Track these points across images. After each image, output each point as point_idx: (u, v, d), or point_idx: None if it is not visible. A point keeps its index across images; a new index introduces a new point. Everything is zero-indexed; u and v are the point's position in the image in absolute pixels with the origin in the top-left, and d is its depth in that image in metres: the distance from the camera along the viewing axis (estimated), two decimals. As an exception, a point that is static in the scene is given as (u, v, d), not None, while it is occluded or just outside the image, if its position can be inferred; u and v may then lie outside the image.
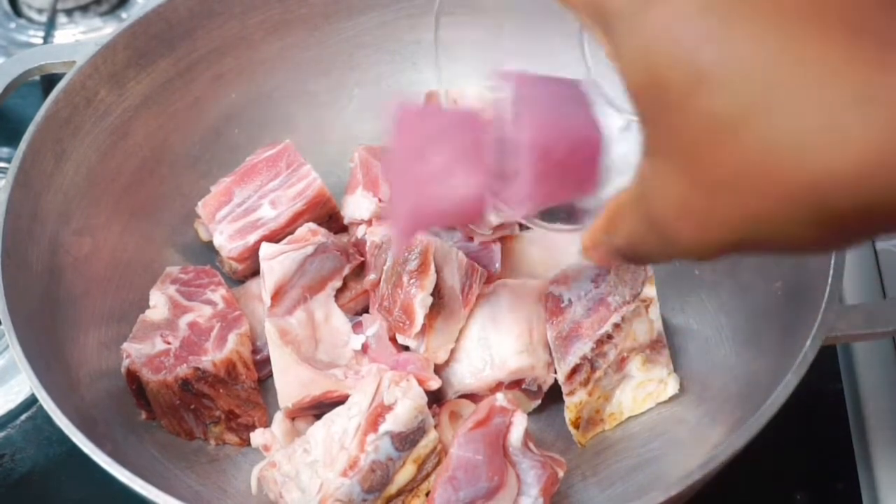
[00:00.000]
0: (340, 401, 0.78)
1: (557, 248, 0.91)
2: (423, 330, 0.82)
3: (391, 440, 0.73)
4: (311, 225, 0.88)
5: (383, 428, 0.73)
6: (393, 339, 0.84)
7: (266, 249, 0.86)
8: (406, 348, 0.84)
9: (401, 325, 0.82)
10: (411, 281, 0.81)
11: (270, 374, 0.85)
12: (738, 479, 0.74)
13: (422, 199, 0.64)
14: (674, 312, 0.89)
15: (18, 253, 0.79)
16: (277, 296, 0.84)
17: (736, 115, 0.39)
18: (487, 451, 0.72)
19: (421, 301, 0.81)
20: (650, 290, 0.82)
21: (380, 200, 0.89)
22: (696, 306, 0.89)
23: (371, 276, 0.86)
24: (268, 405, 0.85)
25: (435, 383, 0.80)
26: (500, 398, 0.76)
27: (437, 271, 0.82)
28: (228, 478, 0.82)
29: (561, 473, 0.75)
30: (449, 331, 0.83)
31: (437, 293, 0.82)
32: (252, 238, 0.89)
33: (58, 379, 0.74)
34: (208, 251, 0.96)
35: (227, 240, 0.91)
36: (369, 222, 0.91)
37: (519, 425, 0.75)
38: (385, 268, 0.84)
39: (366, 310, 0.89)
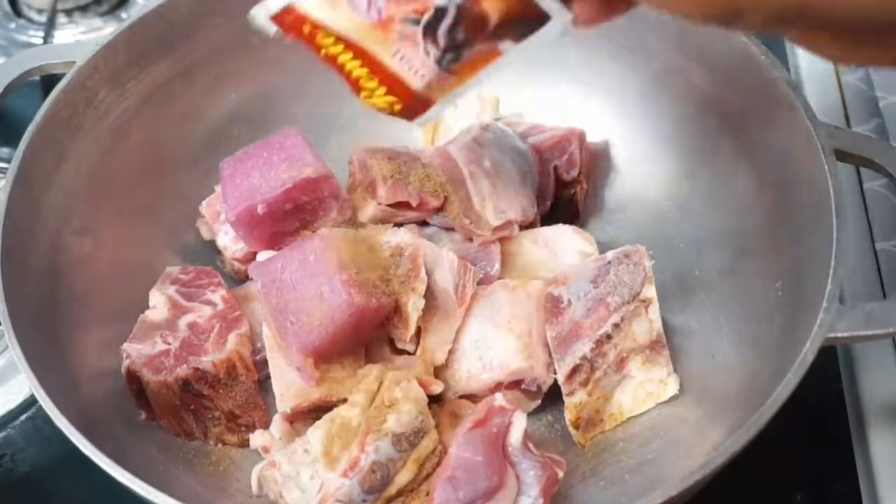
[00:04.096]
0: (339, 404, 0.78)
1: (557, 248, 0.91)
2: (419, 333, 0.82)
3: (391, 441, 0.73)
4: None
5: (384, 428, 0.73)
6: (390, 343, 0.84)
7: (263, 258, 0.86)
8: (404, 352, 0.84)
9: (395, 329, 0.82)
10: (402, 285, 0.82)
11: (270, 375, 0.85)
12: (739, 478, 0.74)
13: (312, 333, 0.77)
14: (674, 312, 0.89)
15: (18, 253, 0.79)
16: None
17: None
18: (487, 452, 0.72)
19: (413, 304, 0.81)
20: (650, 290, 0.82)
21: (378, 203, 0.89)
22: (696, 306, 0.89)
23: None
24: (268, 405, 0.85)
25: (437, 387, 0.81)
26: (500, 398, 0.76)
27: (428, 273, 0.82)
28: (228, 478, 0.82)
29: (561, 474, 0.75)
30: (445, 332, 0.83)
31: (430, 295, 0.82)
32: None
33: (58, 379, 0.74)
34: (209, 251, 0.96)
35: (231, 240, 0.91)
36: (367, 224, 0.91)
37: (518, 425, 0.75)
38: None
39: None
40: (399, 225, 0.90)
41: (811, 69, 1.15)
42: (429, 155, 0.92)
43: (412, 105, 0.72)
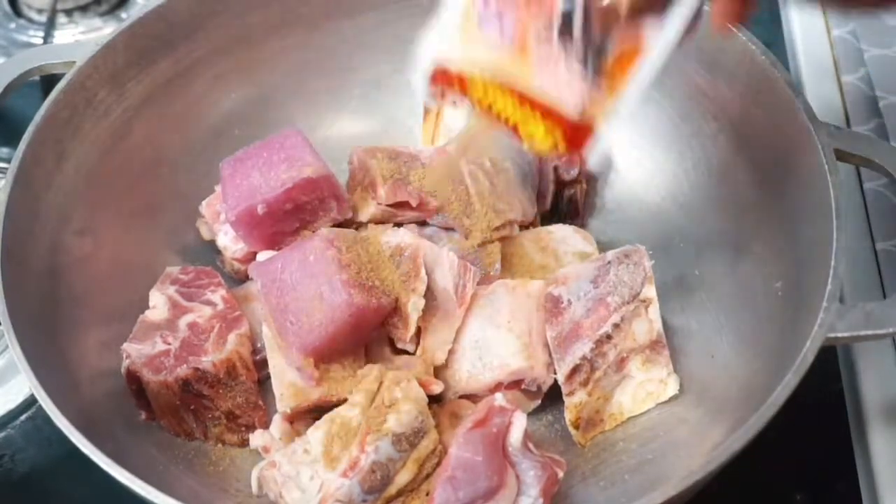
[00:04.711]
0: (339, 404, 0.78)
1: (557, 248, 0.91)
2: (419, 333, 0.82)
3: (391, 441, 0.73)
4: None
5: (384, 428, 0.73)
6: (390, 343, 0.84)
7: (263, 258, 0.86)
8: (404, 352, 0.84)
9: (395, 329, 0.82)
10: (403, 285, 0.81)
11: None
12: (738, 479, 0.74)
13: (312, 333, 0.77)
14: (674, 312, 0.89)
15: (18, 253, 0.79)
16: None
17: None
18: (487, 451, 0.72)
19: (413, 304, 0.81)
20: (650, 290, 0.82)
21: (378, 203, 0.89)
22: (696, 306, 0.89)
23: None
24: (268, 405, 0.85)
25: (437, 387, 0.80)
26: (500, 398, 0.76)
27: (428, 273, 0.82)
28: (228, 478, 0.82)
29: (561, 474, 0.75)
30: (445, 332, 0.82)
31: (430, 295, 0.82)
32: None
33: (58, 379, 0.74)
34: (209, 251, 0.96)
35: (231, 240, 0.91)
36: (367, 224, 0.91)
37: (518, 425, 0.75)
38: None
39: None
40: (399, 225, 0.90)
41: (811, 69, 1.15)
42: (429, 155, 0.92)
43: (574, 135, 0.68)
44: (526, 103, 0.67)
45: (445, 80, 0.69)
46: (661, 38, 0.64)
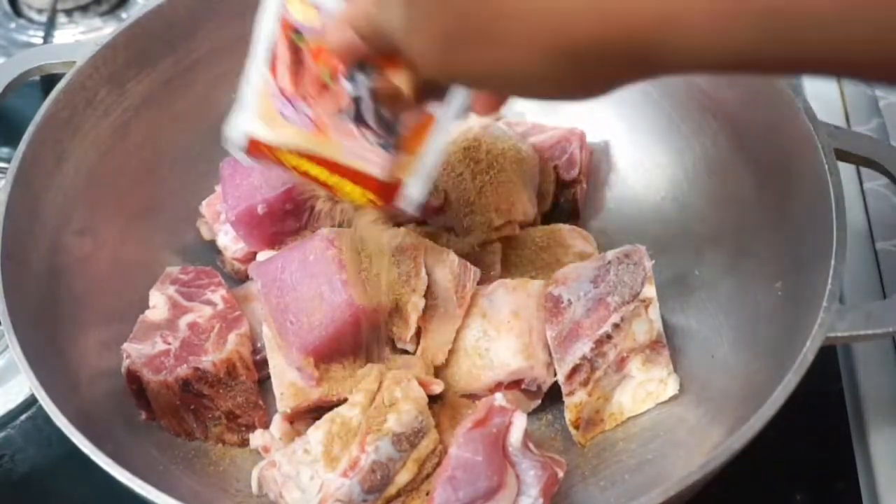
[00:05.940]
0: (339, 404, 0.78)
1: (557, 248, 0.91)
2: (419, 333, 0.82)
3: (391, 440, 0.73)
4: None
5: (384, 428, 0.73)
6: (390, 343, 0.84)
7: (263, 258, 0.86)
8: (404, 352, 0.84)
9: (395, 329, 0.82)
10: (403, 285, 0.81)
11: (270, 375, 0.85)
12: (738, 479, 0.74)
13: (312, 333, 0.78)
14: (674, 312, 0.89)
15: (18, 253, 0.79)
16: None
17: None
18: (487, 451, 0.72)
19: (413, 304, 0.81)
20: (650, 290, 0.82)
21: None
22: (696, 306, 0.89)
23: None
24: (268, 405, 0.85)
25: (437, 387, 0.80)
26: (500, 398, 0.76)
27: (429, 273, 0.82)
28: (228, 478, 0.82)
29: (561, 474, 0.75)
30: (445, 332, 0.82)
31: (430, 295, 0.82)
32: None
33: (58, 379, 0.74)
34: (209, 251, 0.96)
35: (231, 240, 0.91)
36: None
37: (518, 425, 0.75)
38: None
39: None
40: (399, 225, 0.90)
41: (811, 69, 1.15)
42: (429, 155, 0.92)
43: (384, 191, 0.74)
44: (336, 170, 0.73)
45: (259, 152, 0.74)
46: (445, 113, 0.71)
